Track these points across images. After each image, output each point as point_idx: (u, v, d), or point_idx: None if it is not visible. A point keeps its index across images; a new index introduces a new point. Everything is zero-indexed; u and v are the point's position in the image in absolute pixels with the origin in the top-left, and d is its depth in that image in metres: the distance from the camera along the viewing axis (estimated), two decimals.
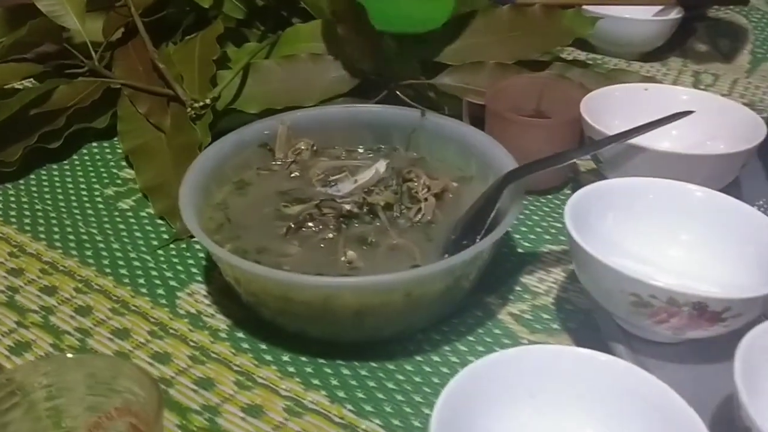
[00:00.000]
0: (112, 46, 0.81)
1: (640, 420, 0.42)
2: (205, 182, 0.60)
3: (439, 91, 0.77)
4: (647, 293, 0.46)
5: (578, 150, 0.61)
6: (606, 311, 0.52)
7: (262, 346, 0.54)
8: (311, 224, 0.58)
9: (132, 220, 0.67)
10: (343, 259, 0.55)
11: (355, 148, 0.68)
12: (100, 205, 0.69)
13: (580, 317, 0.56)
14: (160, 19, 0.83)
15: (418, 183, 0.61)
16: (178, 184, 0.58)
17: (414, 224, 0.59)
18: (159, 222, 0.67)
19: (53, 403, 0.40)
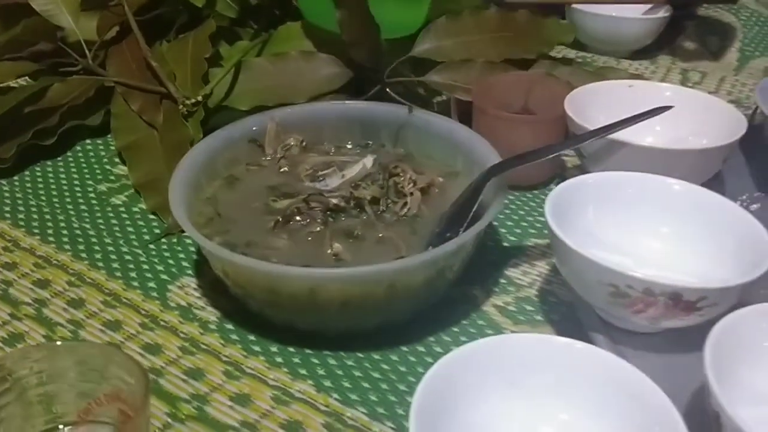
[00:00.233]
0: (106, 44, 0.82)
1: (617, 407, 0.43)
2: (195, 177, 0.61)
3: (429, 88, 0.78)
4: (624, 284, 0.47)
5: (559, 144, 0.63)
6: (587, 303, 0.53)
7: (251, 338, 0.55)
8: (299, 218, 0.59)
9: (124, 216, 0.68)
10: (329, 251, 0.56)
11: (343, 144, 0.69)
12: (93, 200, 0.71)
13: (563, 309, 0.57)
14: (153, 18, 0.84)
15: (404, 178, 0.62)
16: (170, 180, 0.59)
17: (400, 218, 0.60)
18: (151, 217, 0.68)
19: (44, 389, 0.41)
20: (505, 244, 0.65)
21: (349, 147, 0.69)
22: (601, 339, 0.51)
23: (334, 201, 0.60)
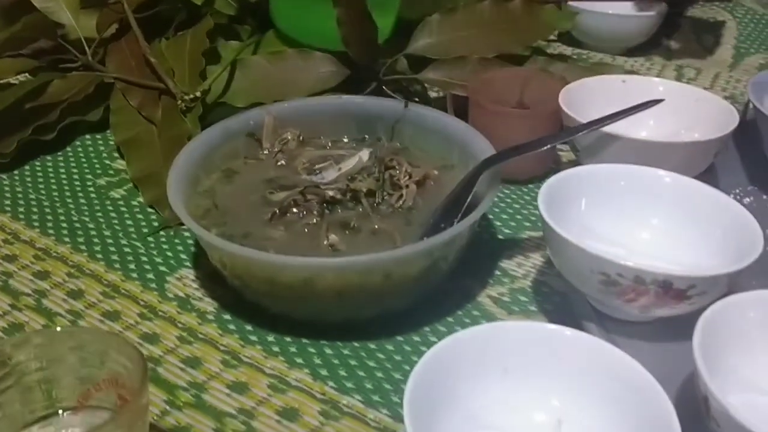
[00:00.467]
0: (105, 41, 0.83)
1: (609, 393, 0.43)
2: (192, 170, 0.61)
3: (425, 85, 0.79)
4: (615, 272, 0.48)
5: (552, 137, 0.63)
6: (580, 293, 0.54)
7: (248, 327, 0.56)
8: (295, 210, 0.60)
9: (123, 209, 0.69)
10: (325, 242, 0.57)
11: (340, 138, 0.70)
12: (93, 194, 0.71)
13: (556, 299, 0.58)
14: (152, 15, 0.84)
15: (399, 170, 0.62)
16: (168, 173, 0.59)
17: (395, 210, 0.60)
18: (149, 210, 0.69)
19: (43, 375, 0.42)
20: (500, 236, 0.65)
21: (345, 141, 0.70)
22: (594, 328, 0.51)
23: (331, 193, 0.60)
